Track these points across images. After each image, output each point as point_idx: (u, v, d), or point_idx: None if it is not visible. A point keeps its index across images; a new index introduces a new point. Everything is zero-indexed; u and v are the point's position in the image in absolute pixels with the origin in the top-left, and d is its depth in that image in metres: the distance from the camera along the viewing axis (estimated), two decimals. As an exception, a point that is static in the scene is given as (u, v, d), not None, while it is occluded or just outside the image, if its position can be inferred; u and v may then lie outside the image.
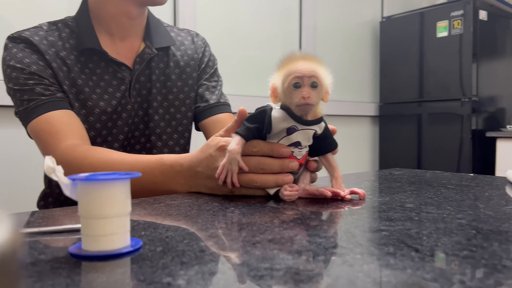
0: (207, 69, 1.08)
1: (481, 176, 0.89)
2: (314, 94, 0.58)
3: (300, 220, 0.48)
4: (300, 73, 0.58)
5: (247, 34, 2.19)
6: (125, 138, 0.95)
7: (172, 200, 0.60)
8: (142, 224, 0.46)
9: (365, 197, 0.62)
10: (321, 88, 0.59)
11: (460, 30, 2.41)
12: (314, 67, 0.59)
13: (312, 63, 0.59)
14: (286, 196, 0.60)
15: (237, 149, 0.60)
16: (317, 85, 0.58)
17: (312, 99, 0.58)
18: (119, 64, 0.93)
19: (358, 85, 2.84)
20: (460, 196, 0.64)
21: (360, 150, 2.87)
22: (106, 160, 0.73)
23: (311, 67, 0.58)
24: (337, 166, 0.64)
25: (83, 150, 0.78)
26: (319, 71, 0.59)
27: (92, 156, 0.75)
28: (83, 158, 0.75)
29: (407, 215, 0.50)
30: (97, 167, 0.73)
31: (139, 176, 0.37)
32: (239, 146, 0.60)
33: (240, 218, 0.49)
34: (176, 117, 1.01)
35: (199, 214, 0.51)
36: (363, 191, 0.62)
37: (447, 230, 0.43)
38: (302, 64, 0.58)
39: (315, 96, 0.58)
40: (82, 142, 0.83)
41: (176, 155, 0.69)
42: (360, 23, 2.83)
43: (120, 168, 0.71)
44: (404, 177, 0.88)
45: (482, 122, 2.45)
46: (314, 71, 0.58)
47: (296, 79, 0.58)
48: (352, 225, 0.46)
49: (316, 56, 0.61)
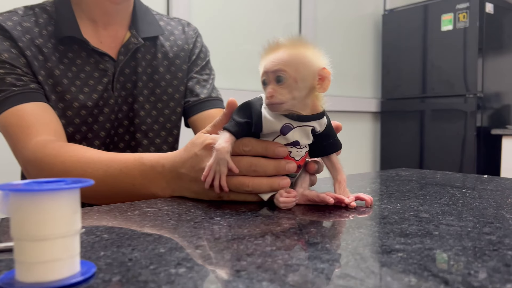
0: (198, 61, 1.00)
1: (497, 178, 0.81)
2: (280, 90, 0.49)
3: (298, 235, 0.40)
4: (265, 69, 0.50)
5: (245, 26, 2.10)
6: (107, 135, 0.87)
7: (150, 207, 0.52)
8: (105, 241, 0.38)
9: (372, 204, 0.54)
10: (292, 81, 0.49)
11: (466, 24, 2.33)
12: (282, 58, 0.50)
13: (288, 51, 0.50)
14: (281, 203, 0.51)
15: (226, 147, 0.51)
16: (282, 79, 0.49)
17: (278, 96, 0.49)
18: (101, 54, 0.85)
19: (359, 80, 2.76)
20: (480, 202, 0.56)
21: (360, 147, 2.79)
22: (80, 158, 0.65)
23: (277, 58, 0.50)
24: (341, 168, 0.56)
25: (56, 147, 0.70)
26: (290, 61, 0.49)
27: (64, 153, 0.67)
28: (55, 156, 0.67)
29: (425, 228, 0.42)
30: (70, 166, 0.65)
31: (91, 184, 0.29)
32: (228, 144, 0.52)
33: (226, 232, 0.41)
34: (164, 112, 0.93)
35: (177, 227, 0.43)
36: (370, 197, 0.54)
37: (477, 250, 0.35)
38: (270, 57, 0.50)
39: (285, 92, 0.49)
40: (56, 138, 0.74)
41: (158, 154, 0.61)
42: (361, 15, 2.74)
43: (95, 168, 0.63)
44: (412, 178, 0.80)
45: (487, 119, 2.37)
46: (279, 63, 0.49)
47: (263, 76, 0.51)
48: (361, 242, 0.38)
49: (302, 41, 0.51)
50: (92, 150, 0.68)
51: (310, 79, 0.50)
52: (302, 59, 0.50)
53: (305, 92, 0.50)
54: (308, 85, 0.50)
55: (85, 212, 0.50)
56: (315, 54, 0.51)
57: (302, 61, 0.50)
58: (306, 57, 0.50)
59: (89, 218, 0.47)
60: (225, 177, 0.52)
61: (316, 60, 0.51)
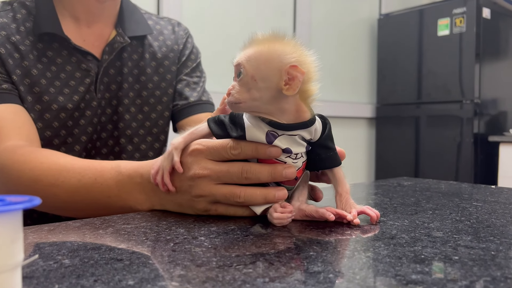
0: (189, 62, 0.93)
1: (506, 189, 0.76)
2: (238, 88, 0.45)
3: (295, 261, 0.34)
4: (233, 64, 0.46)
5: (238, 30, 2.04)
6: (89, 140, 0.80)
7: (126, 223, 0.46)
8: (64, 268, 0.31)
9: (378, 220, 0.48)
10: (249, 79, 0.44)
11: (462, 29, 2.29)
12: (246, 52, 0.45)
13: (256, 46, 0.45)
14: (275, 220, 0.45)
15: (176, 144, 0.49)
16: (240, 73, 0.44)
17: (234, 94, 0.44)
18: (84, 53, 0.78)
19: (354, 85, 2.71)
20: (496, 218, 0.51)
21: (355, 153, 2.74)
22: (50, 165, 0.59)
23: (243, 54, 0.45)
24: (343, 178, 0.50)
25: (25, 152, 0.63)
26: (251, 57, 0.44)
27: (34, 160, 0.61)
28: (23, 163, 0.61)
29: (441, 251, 0.36)
30: (39, 174, 0.58)
31: (37, 204, 0.23)
32: (182, 140, 0.49)
33: (210, 257, 0.35)
34: (150, 116, 0.87)
35: (153, 249, 0.37)
36: (376, 212, 0.48)
37: (510, 282, 0.29)
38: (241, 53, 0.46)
39: (242, 90, 0.44)
40: (27, 144, 0.68)
41: (137, 163, 0.55)
42: (357, 20, 2.70)
43: (67, 176, 0.56)
44: (416, 189, 0.74)
45: (484, 125, 2.32)
46: (241, 57, 0.44)
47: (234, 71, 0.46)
48: (370, 271, 0.32)
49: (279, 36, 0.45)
50: (66, 157, 0.62)
51: (274, 78, 0.43)
52: (266, 55, 0.44)
53: (268, 94, 0.44)
54: (272, 85, 0.44)
55: (51, 229, 0.44)
56: (289, 50, 0.44)
57: (265, 58, 0.44)
58: (272, 53, 0.44)
59: (53, 237, 0.41)
60: (168, 173, 0.49)
61: (287, 57, 0.43)
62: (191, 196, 0.49)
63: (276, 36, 0.45)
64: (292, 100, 0.45)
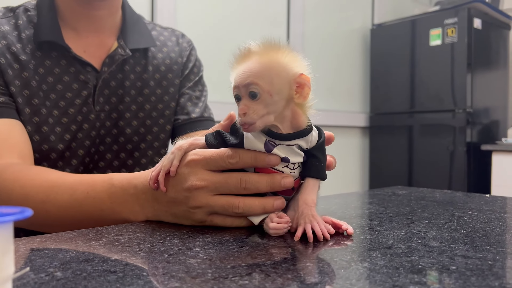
0: (191, 76, 0.92)
1: (500, 198, 0.76)
2: (254, 106, 0.43)
3: (291, 272, 0.34)
4: (236, 83, 0.44)
5: (232, 40, 2.05)
6: (87, 154, 0.78)
7: (119, 234, 0.45)
8: (56, 281, 0.31)
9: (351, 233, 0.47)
10: (266, 96, 0.43)
11: (454, 39, 2.31)
12: (254, 69, 0.43)
13: (259, 59, 0.44)
14: (272, 230, 0.45)
15: (181, 144, 0.49)
16: (257, 93, 0.43)
17: (251, 115, 0.43)
18: (83, 63, 0.76)
19: (348, 94, 2.72)
20: (492, 227, 0.51)
21: (349, 162, 2.74)
22: (41, 182, 0.58)
23: (248, 70, 0.43)
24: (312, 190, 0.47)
25: (16, 170, 0.62)
26: (262, 72, 0.43)
27: (24, 177, 0.60)
28: (14, 181, 0.60)
29: (438, 261, 0.36)
30: (30, 191, 0.57)
31: (28, 216, 0.22)
32: (188, 142, 0.49)
33: (205, 268, 0.34)
34: (152, 130, 0.85)
35: (147, 261, 0.36)
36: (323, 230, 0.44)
37: (508, 293, 0.29)
38: (241, 67, 0.44)
39: (259, 108, 0.43)
40: (19, 161, 0.66)
41: (130, 174, 0.54)
42: (350, 30, 2.72)
43: (58, 192, 0.56)
44: (411, 198, 0.74)
45: (477, 134, 2.34)
46: (250, 75, 0.43)
47: (235, 91, 0.45)
48: (368, 282, 0.31)
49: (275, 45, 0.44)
50: (57, 173, 0.61)
51: (287, 89, 0.44)
52: (276, 68, 0.43)
53: (282, 105, 0.44)
54: (285, 96, 0.44)
55: (42, 240, 0.43)
56: (291, 59, 0.44)
57: (276, 71, 0.43)
58: (280, 64, 0.44)
59: (45, 249, 0.40)
60: (164, 172, 0.48)
61: (292, 66, 0.44)
62: (187, 207, 0.48)
63: (272, 46, 0.45)
64: (290, 106, 0.45)
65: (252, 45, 0.45)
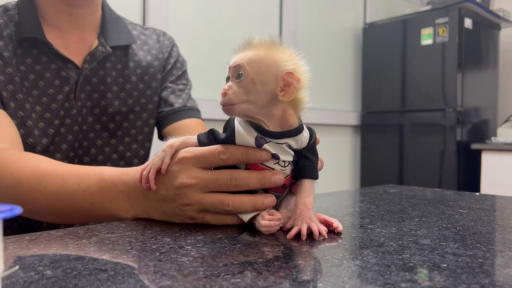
0: (174, 70, 0.93)
1: (489, 196, 0.77)
2: (236, 89, 0.44)
3: (283, 270, 0.34)
4: (230, 64, 0.45)
5: (224, 39, 2.04)
6: (71, 149, 0.78)
7: (110, 232, 0.45)
8: (46, 280, 0.30)
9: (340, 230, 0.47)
10: (249, 81, 0.44)
11: (445, 38, 2.33)
12: (246, 55, 0.44)
13: (256, 50, 0.45)
14: (263, 227, 0.45)
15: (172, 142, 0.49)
16: (241, 74, 0.44)
17: (230, 96, 0.44)
18: (65, 60, 0.77)
19: (340, 93, 2.73)
20: (482, 225, 0.51)
21: (341, 160, 2.75)
22: (33, 170, 0.57)
23: (242, 55, 0.45)
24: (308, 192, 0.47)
25: (8, 156, 0.62)
26: (252, 60, 0.44)
27: (16, 164, 0.59)
28: (5, 166, 0.59)
29: (429, 259, 0.36)
30: (21, 178, 0.57)
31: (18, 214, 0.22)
32: (179, 140, 0.49)
33: (196, 266, 0.34)
34: (136, 124, 0.86)
35: (139, 259, 0.36)
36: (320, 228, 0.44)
37: (498, 290, 0.30)
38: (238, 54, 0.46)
39: (240, 92, 0.44)
40: (10, 147, 0.66)
41: (121, 169, 0.54)
42: (342, 29, 2.73)
43: (49, 182, 0.55)
44: (402, 196, 0.74)
45: (467, 133, 2.36)
46: (241, 59, 0.44)
47: (228, 72, 0.46)
48: (359, 280, 0.31)
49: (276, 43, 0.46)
50: (49, 161, 0.60)
51: (271, 83, 0.44)
52: (267, 60, 0.44)
53: (264, 98, 0.44)
54: (268, 90, 0.44)
55: (32, 239, 0.43)
56: (286, 58, 0.45)
57: (265, 63, 0.44)
58: (273, 58, 0.44)
59: (34, 247, 0.40)
60: (155, 170, 0.48)
61: (285, 63, 0.44)
62: (178, 205, 0.48)
63: (273, 43, 0.45)
64: (281, 106, 0.45)
65: (256, 38, 0.46)
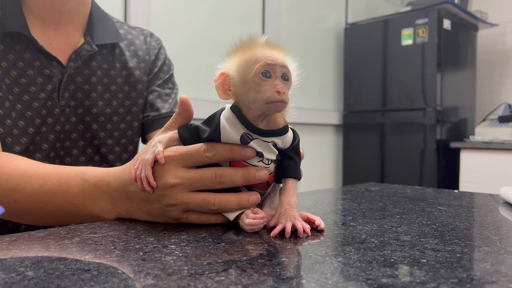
0: (161, 74, 0.92)
1: (467, 193, 0.79)
2: (286, 90, 0.45)
3: (267, 267, 0.34)
4: (272, 61, 0.44)
5: (207, 38, 2.04)
6: (52, 149, 0.77)
7: (92, 233, 0.44)
8: (28, 281, 0.30)
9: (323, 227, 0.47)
10: (291, 84, 0.47)
11: (425, 39, 2.37)
12: (288, 58, 0.47)
13: (286, 53, 0.47)
14: (247, 226, 0.45)
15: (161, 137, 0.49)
16: (288, 78, 0.45)
17: (287, 95, 0.45)
18: (49, 57, 0.75)
19: (322, 93, 2.75)
20: (460, 221, 0.52)
21: (323, 159, 2.77)
22: (12, 170, 0.56)
23: (283, 56, 0.46)
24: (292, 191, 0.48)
25: None
26: (292, 64, 0.47)
27: None
28: None
29: (410, 254, 0.37)
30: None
31: None
32: (167, 139, 0.49)
33: (181, 265, 0.34)
34: (119, 127, 0.85)
35: (122, 259, 0.36)
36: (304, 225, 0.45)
37: (475, 284, 0.30)
38: (273, 52, 0.46)
39: (288, 93, 0.45)
40: None
41: (103, 170, 0.53)
42: (324, 28, 2.75)
43: (29, 182, 0.54)
44: (383, 194, 0.76)
45: (446, 132, 2.40)
46: (287, 61, 0.46)
47: (266, 67, 0.44)
48: (342, 276, 0.32)
49: (282, 46, 0.48)
50: (28, 161, 0.59)
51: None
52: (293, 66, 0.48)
53: None
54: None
55: (12, 240, 0.42)
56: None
57: (293, 68, 0.47)
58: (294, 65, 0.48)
59: (15, 248, 0.39)
60: (150, 167, 0.47)
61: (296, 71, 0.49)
62: (162, 205, 0.48)
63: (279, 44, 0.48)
64: None
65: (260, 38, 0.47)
